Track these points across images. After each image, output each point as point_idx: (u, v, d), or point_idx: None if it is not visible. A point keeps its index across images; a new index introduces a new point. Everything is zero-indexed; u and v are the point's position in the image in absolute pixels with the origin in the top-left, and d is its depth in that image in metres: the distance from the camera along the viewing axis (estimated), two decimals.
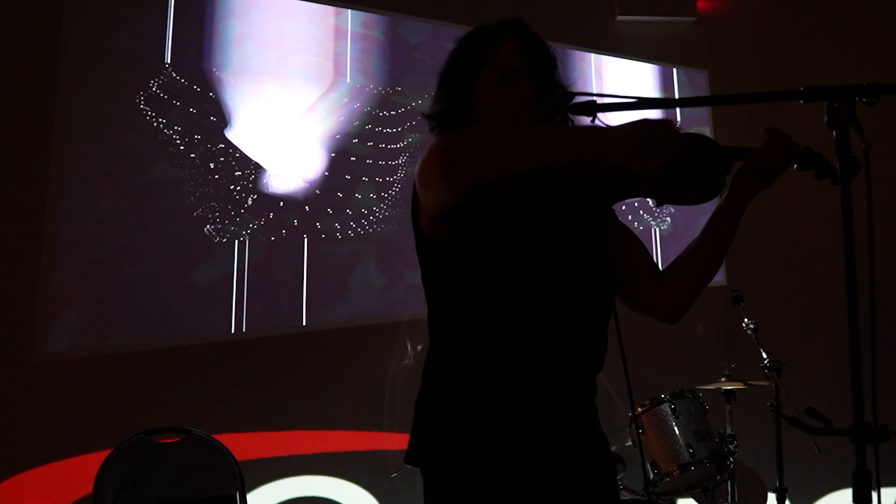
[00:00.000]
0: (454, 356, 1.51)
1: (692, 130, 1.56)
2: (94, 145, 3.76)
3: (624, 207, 4.35)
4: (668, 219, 4.53)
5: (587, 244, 1.57)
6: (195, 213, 3.85)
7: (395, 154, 4.16)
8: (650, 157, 1.35)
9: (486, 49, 1.57)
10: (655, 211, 4.43)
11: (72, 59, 3.77)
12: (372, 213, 4.07)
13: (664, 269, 1.65)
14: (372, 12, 4.20)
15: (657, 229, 4.50)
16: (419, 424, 1.53)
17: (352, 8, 4.18)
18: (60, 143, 3.71)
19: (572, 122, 1.55)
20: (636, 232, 1.79)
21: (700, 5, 4.55)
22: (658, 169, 1.37)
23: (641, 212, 4.50)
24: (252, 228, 3.91)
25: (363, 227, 4.05)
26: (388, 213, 4.08)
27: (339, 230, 4.02)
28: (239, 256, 3.87)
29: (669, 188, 1.51)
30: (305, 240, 3.97)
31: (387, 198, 4.10)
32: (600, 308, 1.56)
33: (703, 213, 1.69)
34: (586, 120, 1.42)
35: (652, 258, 1.68)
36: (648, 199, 1.56)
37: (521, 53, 1.56)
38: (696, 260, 1.62)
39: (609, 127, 1.38)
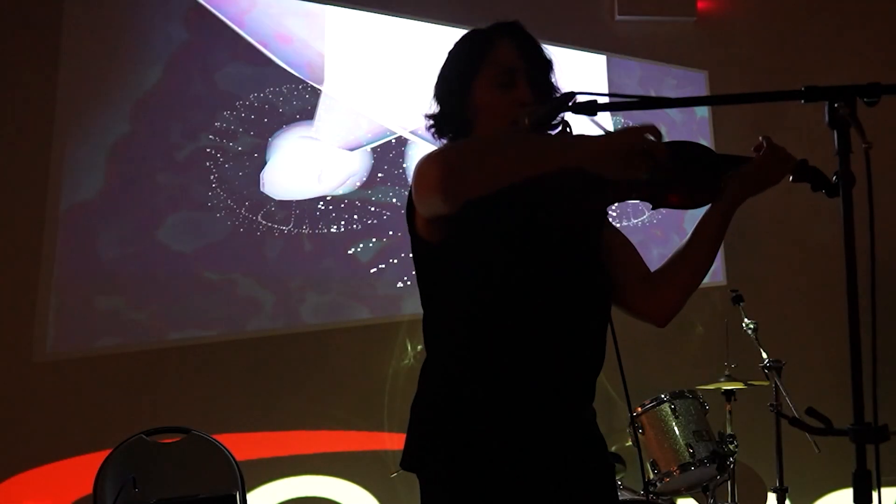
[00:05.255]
0: (450, 360, 1.51)
1: (692, 133, 1.56)
2: (95, 146, 3.76)
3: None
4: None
5: (582, 247, 1.57)
6: (196, 214, 3.85)
7: (396, 156, 4.16)
8: (630, 166, 1.37)
9: (483, 51, 1.57)
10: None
11: (72, 59, 3.77)
12: (373, 212, 4.07)
13: (654, 273, 1.66)
14: (372, 12, 4.20)
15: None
16: (415, 429, 1.53)
17: (352, 8, 4.18)
18: (60, 143, 3.71)
19: (569, 125, 1.55)
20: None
21: (700, 5, 4.55)
22: (642, 176, 1.39)
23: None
24: (252, 228, 3.90)
25: (364, 226, 4.05)
26: (389, 214, 4.08)
27: (339, 230, 4.01)
28: (239, 256, 3.87)
29: (664, 193, 1.53)
30: (305, 240, 3.97)
31: (388, 198, 4.10)
32: (597, 311, 1.56)
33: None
34: (586, 120, 1.42)
35: (642, 261, 1.68)
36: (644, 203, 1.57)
37: (517, 54, 1.56)
38: (685, 263, 1.62)
39: (597, 136, 1.40)
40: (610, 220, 1.71)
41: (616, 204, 3.53)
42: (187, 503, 2.84)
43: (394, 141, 4.16)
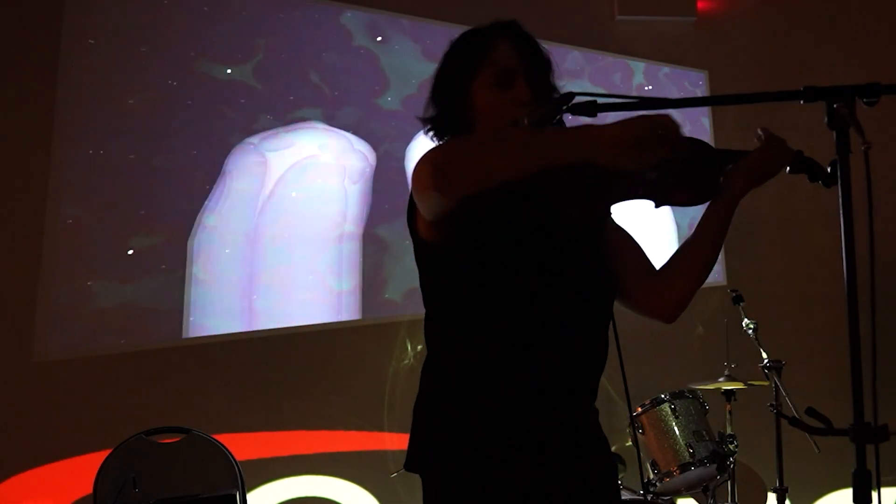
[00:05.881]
0: (452, 361, 1.51)
1: (692, 132, 1.56)
2: (95, 146, 3.76)
3: None
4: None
5: (585, 247, 1.56)
6: (195, 213, 3.85)
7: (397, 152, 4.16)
8: (644, 155, 1.31)
9: (481, 50, 1.56)
10: None
11: (72, 59, 3.77)
12: (373, 212, 4.07)
13: (660, 269, 1.64)
14: (372, 12, 4.20)
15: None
16: (417, 431, 1.52)
17: (352, 8, 4.18)
18: (60, 143, 3.71)
19: (563, 123, 1.55)
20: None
21: (700, 5, 4.55)
22: (652, 166, 1.35)
23: None
24: (252, 228, 3.90)
25: (364, 226, 4.05)
26: (389, 213, 4.08)
27: (338, 230, 4.01)
28: (240, 256, 3.87)
29: (667, 190, 1.52)
30: (305, 239, 3.97)
31: (389, 197, 4.10)
32: (599, 311, 1.55)
33: None
34: (586, 120, 1.41)
35: (648, 258, 1.67)
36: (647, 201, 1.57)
37: (516, 54, 1.55)
38: (691, 258, 1.61)
39: (601, 125, 1.35)
40: (613, 217, 1.70)
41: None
42: (187, 503, 2.84)
43: (395, 139, 4.16)
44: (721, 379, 3.39)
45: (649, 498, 3.17)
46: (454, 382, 1.49)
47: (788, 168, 1.57)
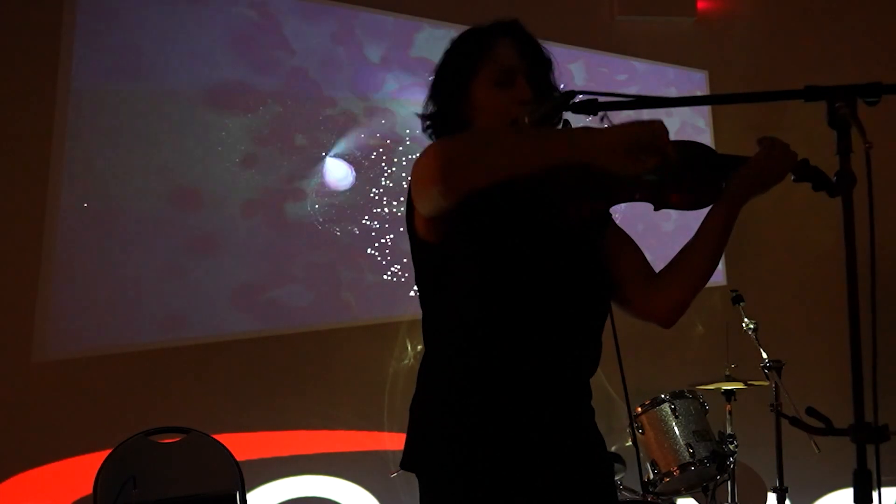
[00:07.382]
0: (448, 360, 1.51)
1: (692, 132, 1.56)
2: (94, 146, 3.76)
3: None
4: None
5: (583, 248, 1.56)
6: (196, 213, 3.85)
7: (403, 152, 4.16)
8: (637, 160, 1.33)
9: (482, 49, 1.56)
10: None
11: (72, 59, 3.77)
12: (374, 212, 4.07)
13: (659, 273, 1.63)
14: (373, 12, 4.20)
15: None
16: (414, 430, 1.53)
17: (352, 8, 4.18)
18: (60, 143, 3.71)
19: (568, 123, 1.55)
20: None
21: (700, 5, 4.55)
22: (645, 172, 1.36)
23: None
24: (252, 228, 3.90)
25: (365, 226, 4.05)
26: (389, 213, 4.08)
27: (339, 230, 4.01)
28: (240, 256, 3.86)
29: (667, 193, 1.52)
30: (306, 239, 3.97)
31: (389, 197, 4.10)
32: (595, 312, 1.56)
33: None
34: (586, 119, 1.42)
35: (647, 262, 1.66)
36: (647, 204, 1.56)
37: (517, 53, 1.55)
38: (690, 263, 1.60)
39: (600, 129, 1.36)
40: (614, 219, 1.69)
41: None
42: (187, 503, 2.84)
43: (395, 141, 4.16)
44: (721, 379, 3.39)
45: (649, 498, 3.17)
46: (449, 381, 1.49)
47: (793, 176, 1.56)
